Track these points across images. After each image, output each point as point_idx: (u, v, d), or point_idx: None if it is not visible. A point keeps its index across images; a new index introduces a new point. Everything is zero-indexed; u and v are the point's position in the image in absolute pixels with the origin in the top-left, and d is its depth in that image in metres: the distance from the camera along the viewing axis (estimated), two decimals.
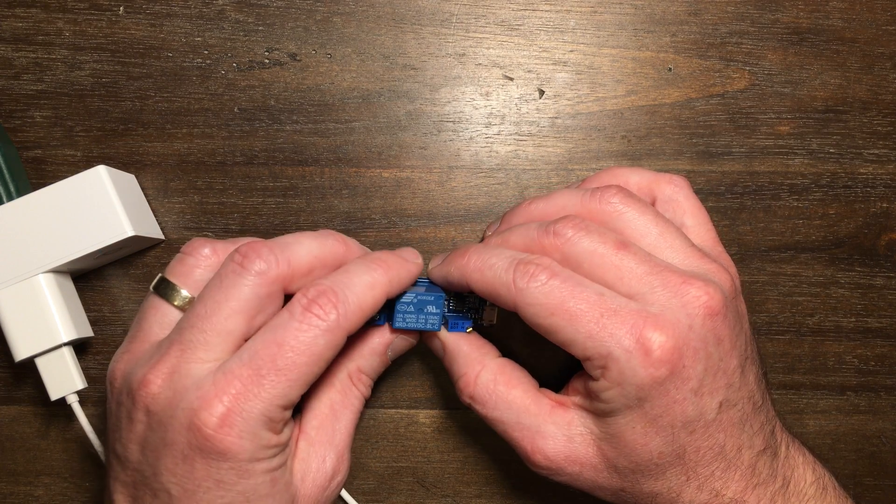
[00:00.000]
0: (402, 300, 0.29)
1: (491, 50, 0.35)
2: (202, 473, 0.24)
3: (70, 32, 0.34)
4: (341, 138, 0.34)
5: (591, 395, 0.27)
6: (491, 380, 0.29)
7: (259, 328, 0.26)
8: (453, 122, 0.35)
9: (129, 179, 0.33)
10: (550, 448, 0.28)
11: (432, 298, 0.29)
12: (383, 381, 0.34)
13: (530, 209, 0.30)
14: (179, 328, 0.26)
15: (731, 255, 0.34)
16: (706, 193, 0.35)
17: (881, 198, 0.35)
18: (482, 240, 0.33)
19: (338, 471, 0.28)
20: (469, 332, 0.30)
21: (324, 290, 0.26)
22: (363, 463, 0.34)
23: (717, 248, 0.30)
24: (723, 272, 0.27)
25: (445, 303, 0.30)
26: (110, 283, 0.34)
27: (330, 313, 0.25)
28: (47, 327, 0.31)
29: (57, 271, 0.31)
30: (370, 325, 0.30)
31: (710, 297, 0.26)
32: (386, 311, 0.30)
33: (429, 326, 0.29)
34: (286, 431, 0.26)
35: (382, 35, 0.35)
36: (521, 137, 0.35)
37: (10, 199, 0.31)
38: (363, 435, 0.34)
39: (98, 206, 0.31)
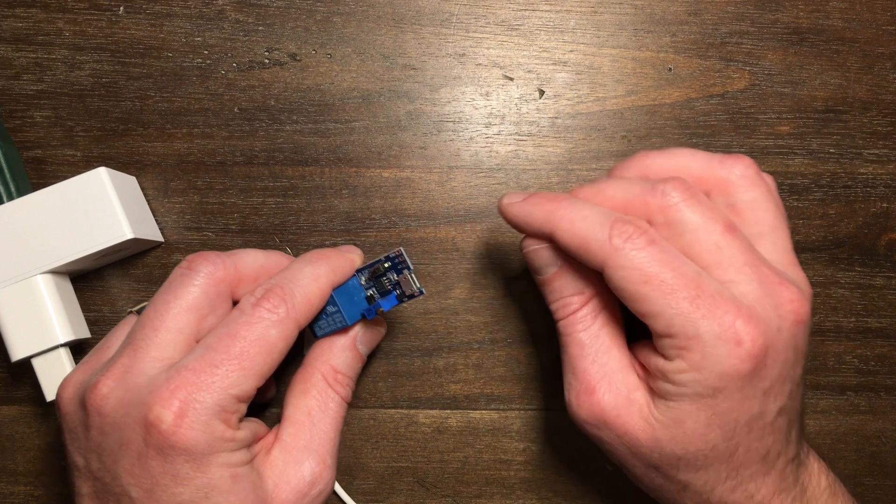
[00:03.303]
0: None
1: (491, 50, 0.35)
2: (159, 470, 0.24)
3: (70, 32, 0.34)
4: (341, 138, 0.34)
5: (658, 374, 0.26)
6: (602, 306, 0.28)
7: (210, 331, 0.26)
8: (453, 122, 0.35)
9: (130, 181, 0.33)
10: (609, 400, 0.26)
11: (333, 296, 0.29)
12: (383, 381, 0.34)
13: (646, 163, 0.28)
14: (132, 332, 0.27)
15: None
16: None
17: (881, 198, 0.35)
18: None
19: (319, 478, 0.27)
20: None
21: (270, 287, 0.27)
22: (363, 463, 0.34)
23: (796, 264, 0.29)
24: (807, 285, 0.27)
25: (363, 288, 0.29)
26: (110, 283, 0.34)
27: (279, 307, 0.26)
28: (44, 328, 0.31)
29: (55, 272, 0.31)
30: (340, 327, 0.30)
31: (800, 304, 0.25)
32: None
33: (339, 325, 0.29)
34: (243, 430, 0.26)
35: (382, 35, 0.35)
36: (521, 137, 0.35)
37: (11, 198, 0.31)
38: (363, 435, 0.34)
39: (98, 207, 0.31)
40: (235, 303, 0.28)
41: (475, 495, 0.34)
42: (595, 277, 0.27)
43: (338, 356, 0.29)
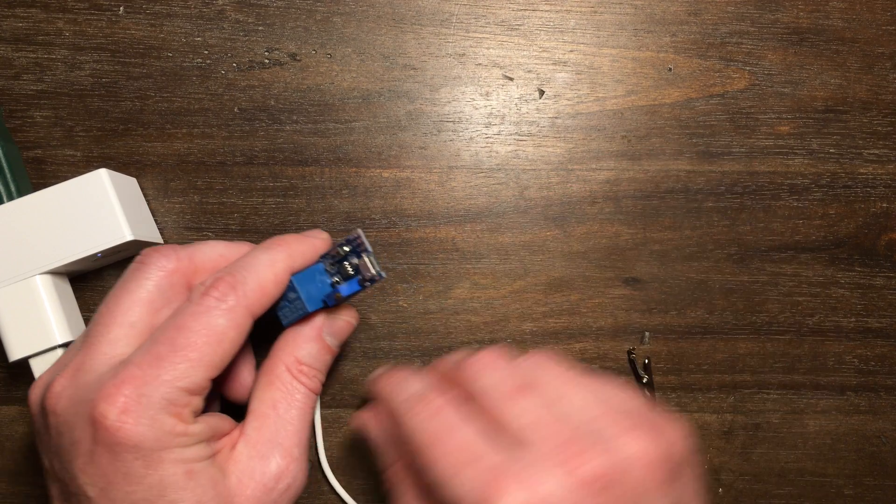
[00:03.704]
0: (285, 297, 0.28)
1: (491, 50, 0.35)
2: (110, 468, 0.24)
3: (70, 32, 0.34)
4: (341, 138, 0.34)
5: None
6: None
7: None
8: (453, 122, 0.35)
9: (130, 182, 0.33)
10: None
11: (291, 283, 0.28)
12: None
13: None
14: (86, 329, 0.26)
15: (730, 255, 0.34)
16: (706, 193, 0.35)
17: (881, 198, 0.35)
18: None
19: (285, 471, 0.26)
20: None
21: (221, 276, 0.26)
22: (363, 463, 0.34)
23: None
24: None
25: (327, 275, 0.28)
26: (109, 284, 0.34)
27: (228, 295, 0.25)
28: (43, 329, 0.31)
29: (55, 273, 0.31)
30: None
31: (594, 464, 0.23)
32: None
33: (301, 312, 0.28)
34: (199, 424, 0.25)
35: (382, 35, 0.35)
36: (521, 137, 0.35)
37: (11, 198, 0.31)
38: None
39: (98, 208, 0.31)
40: None
41: None
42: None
43: (303, 347, 0.28)
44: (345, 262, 0.27)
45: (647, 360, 0.34)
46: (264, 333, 0.30)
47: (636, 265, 0.34)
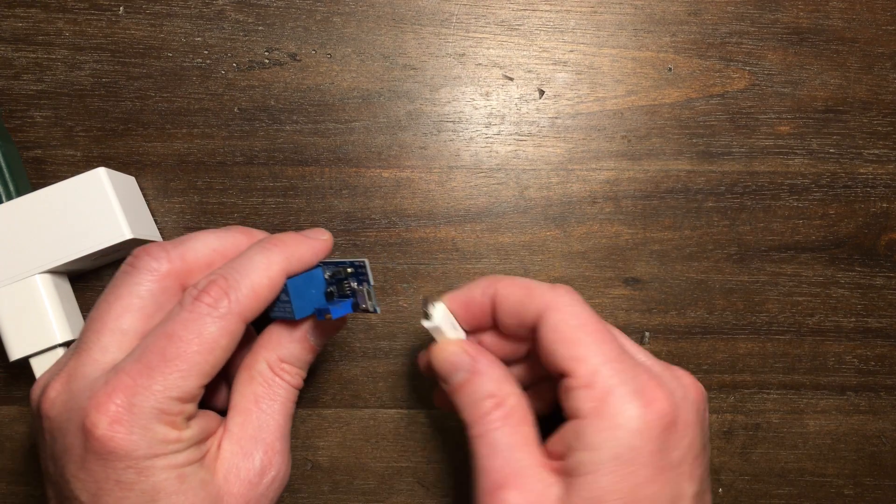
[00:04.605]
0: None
1: (491, 50, 0.35)
2: (101, 476, 0.23)
3: (70, 32, 0.34)
4: (341, 138, 0.34)
5: (573, 443, 0.25)
6: (514, 406, 0.27)
7: None
8: (453, 122, 0.35)
9: (129, 181, 0.33)
10: (517, 498, 0.25)
11: (286, 286, 0.27)
12: (383, 381, 0.34)
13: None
14: (80, 334, 0.26)
15: (730, 255, 0.34)
16: (706, 193, 0.35)
17: (881, 198, 0.35)
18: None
19: (268, 466, 0.27)
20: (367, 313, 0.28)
21: (214, 279, 0.25)
22: (363, 463, 0.34)
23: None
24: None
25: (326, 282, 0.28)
26: (108, 283, 0.34)
27: (220, 301, 0.25)
28: (43, 328, 0.31)
29: (54, 272, 0.31)
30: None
31: (697, 384, 0.28)
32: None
33: (289, 316, 0.27)
34: (193, 427, 0.25)
35: (382, 35, 0.35)
36: (521, 137, 0.35)
37: (10, 198, 0.31)
38: (363, 435, 0.34)
39: (97, 207, 0.31)
40: None
41: None
42: (506, 379, 0.27)
43: (287, 347, 0.28)
44: (345, 282, 0.27)
45: None
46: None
47: (636, 265, 0.34)
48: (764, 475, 0.35)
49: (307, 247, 0.27)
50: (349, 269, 0.27)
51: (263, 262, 0.26)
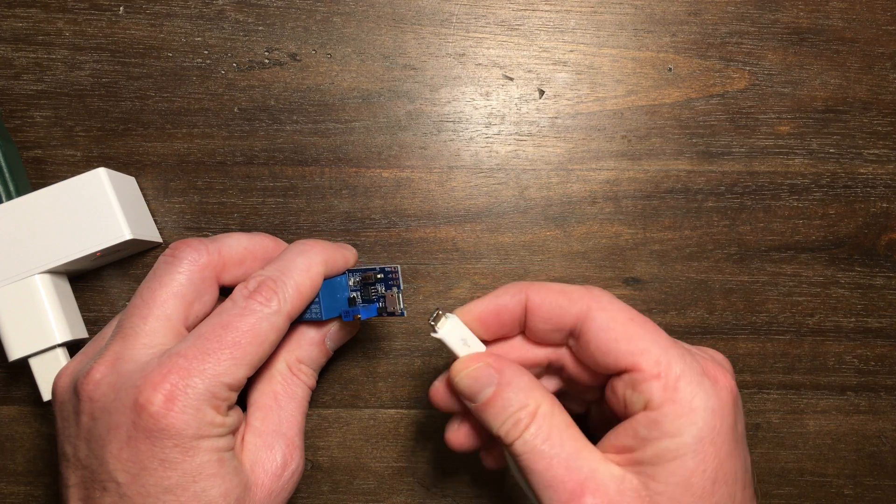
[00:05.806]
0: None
1: (491, 50, 0.35)
2: (147, 454, 0.24)
3: (70, 32, 0.34)
4: (341, 138, 0.34)
5: (653, 435, 0.25)
6: (550, 411, 0.26)
7: (198, 317, 0.27)
8: (453, 122, 0.35)
9: (129, 181, 0.33)
10: (602, 493, 0.24)
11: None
12: (383, 381, 0.34)
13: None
14: (121, 321, 0.27)
15: (730, 255, 0.34)
16: (706, 193, 0.35)
17: (881, 198, 0.35)
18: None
19: (289, 460, 0.28)
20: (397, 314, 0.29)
21: (263, 279, 0.27)
22: (363, 463, 0.34)
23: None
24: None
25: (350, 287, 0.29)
26: (108, 283, 0.34)
27: (271, 300, 0.26)
28: (42, 328, 0.31)
29: (54, 272, 0.31)
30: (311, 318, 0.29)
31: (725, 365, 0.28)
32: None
33: (315, 317, 0.29)
34: (232, 416, 0.26)
35: (382, 35, 0.35)
36: (521, 137, 0.35)
37: (10, 198, 0.31)
38: (363, 435, 0.34)
39: (97, 208, 0.31)
40: (222, 287, 0.29)
41: (475, 495, 0.34)
42: (534, 385, 0.27)
43: (306, 349, 0.30)
44: (372, 287, 0.29)
45: None
46: None
47: (636, 265, 0.34)
48: (764, 475, 0.35)
49: (340, 254, 0.29)
50: (379, 275, 0.28)
51: (305, 263, 0.28)
